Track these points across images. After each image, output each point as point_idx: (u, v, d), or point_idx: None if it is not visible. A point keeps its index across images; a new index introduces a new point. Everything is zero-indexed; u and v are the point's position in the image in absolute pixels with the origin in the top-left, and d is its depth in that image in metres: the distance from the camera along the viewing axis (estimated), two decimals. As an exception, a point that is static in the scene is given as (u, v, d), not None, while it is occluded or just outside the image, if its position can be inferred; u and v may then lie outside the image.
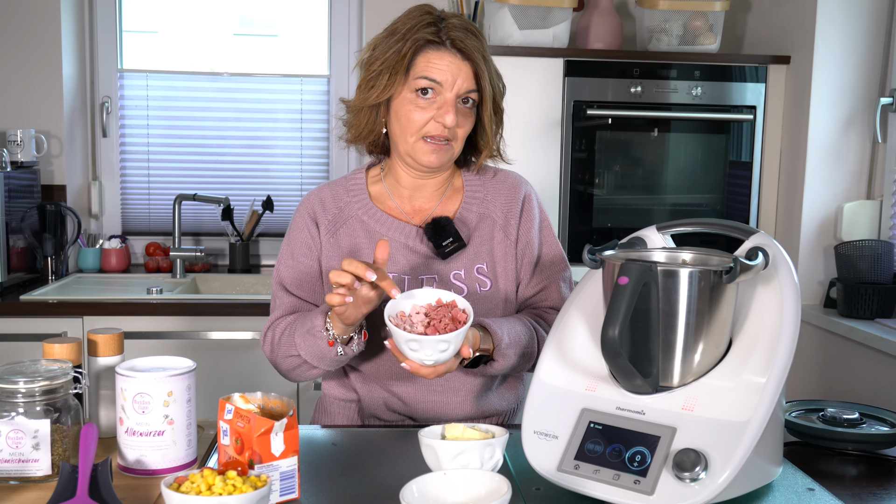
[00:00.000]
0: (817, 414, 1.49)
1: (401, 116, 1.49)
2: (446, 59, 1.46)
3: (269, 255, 3.38)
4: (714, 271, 1.13)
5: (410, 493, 1.05)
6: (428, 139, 1.48)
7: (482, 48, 1.49)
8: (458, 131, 1.49)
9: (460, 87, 1.46)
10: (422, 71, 1.46)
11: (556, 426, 1.20)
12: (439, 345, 1.28)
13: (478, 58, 1.47)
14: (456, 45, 1.46)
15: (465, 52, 1.47)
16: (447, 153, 1.50)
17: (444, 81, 1.46)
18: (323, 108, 3.39)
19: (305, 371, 1.50)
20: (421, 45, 1.46)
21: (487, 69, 1.48)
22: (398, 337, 1.30)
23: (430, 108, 1.47)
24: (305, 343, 1.44)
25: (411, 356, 1.31)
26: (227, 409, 1.16)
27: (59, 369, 1.25)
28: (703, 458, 1.08)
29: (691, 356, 1.16)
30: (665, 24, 2.91)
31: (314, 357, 1.45)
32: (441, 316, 1.32)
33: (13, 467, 1.20)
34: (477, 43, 1.48)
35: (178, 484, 1.03)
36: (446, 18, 1.49)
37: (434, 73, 1.46)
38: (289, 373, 1.53)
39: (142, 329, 2.61)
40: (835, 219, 2.79)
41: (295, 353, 1.47)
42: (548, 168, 2.83)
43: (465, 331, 1.30)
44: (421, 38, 1.46)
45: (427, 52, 1.46)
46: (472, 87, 1.47)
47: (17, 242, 2.86)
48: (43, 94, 3.07)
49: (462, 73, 1.46)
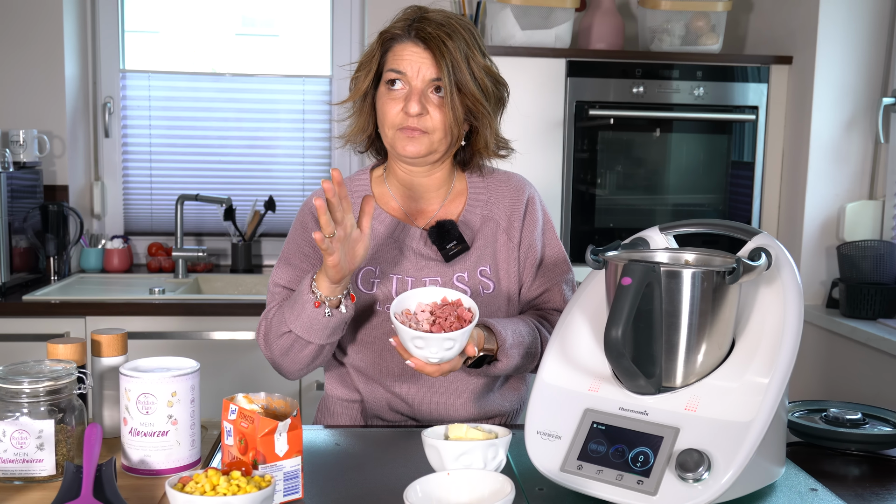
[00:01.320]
0: (820, 414, 1.49)
1: (379, 111, 1.53)
2: (408, 48, 1.49)
3: (272, 256, 3.38)
4: (717, 272, 1.13)
5: (414, 494, 1.05)
6: (404, 129, 1.50)
7: (452, 36, 1.47)
8: (429, 120, 1.49)
9: (424, 75, 1.48)
10: (390, 64, 1.51)
11: (560, 426, 1.20)
12: (445, 342, 1.29)
13: (437, 45, 1.47)
14: (419, 35, 1.48)
15: (426, 41, 1.48)
16: (424, 142, 1.50)
17: (408, 71, 1.48)
18: (325, 109, 3.39)
19: (299, 351, 1.47)
20: (388, 40, 1.51)
21: (452, 56, 1.47)
22: (403, 334, 1.30)
23: (400, 100, 1.49)
24: (293, 313, 1.43)
25: (416, 353, 1.31)
26: (231, 409, 1.16)
27: (63, 370, 1.25)
28: (707, 459, 1.08)
29: (694, 357, 1.16)
30: (667, 24, 2.91)
31: (304, 328, 1.42)
32: (446, 314, 1.32)
33: (17, 467, 1.20)
34: (444, 31, 1.47)
35: (183, 484, 1.03)
36: (427, 12, 1.51)
37: (399, 63, 1.49)
38: (283, 358, 1.50)
39: (144, 329, 2.62)
40: (837, 219, 2.79)
41: (286, 329, 1.45)
42: (550, 168, 2.83)
43: (471, 329, 1.31)
44: (389, 32, 1.51)
45: (394, 46, 1.51)
46: (435, 74, 1.48)
47: (19, 243, 2.86)
48: (45, 95, 3.08)
49: (425, 63, 1.48)
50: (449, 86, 1.48)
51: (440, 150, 1.53)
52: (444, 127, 1.50)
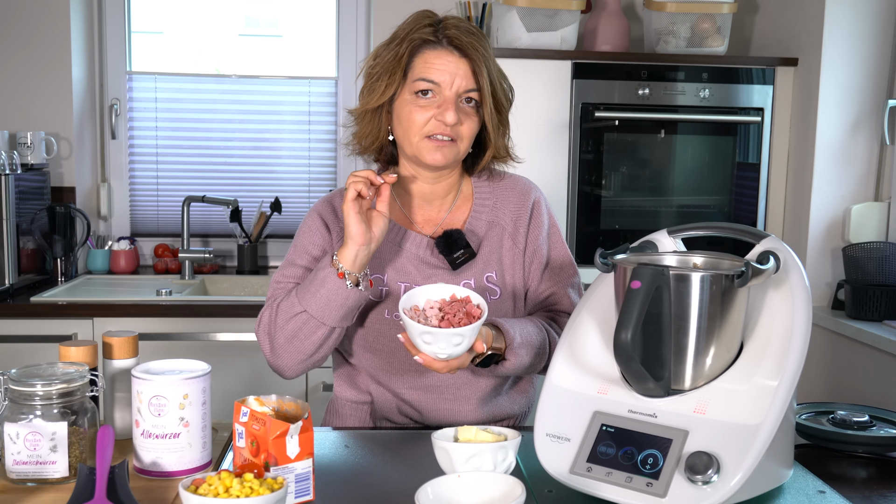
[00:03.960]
0: (827, 416, 1.49)
1: (402, 118, 1.49)
2: (444, 57, 1.46)
3: (278, 257, 3.39)
4: (726, 275, 1.14)
5: (425, 496, 1.06)
6: (432, 137, 1.48)
7: (482, 46, 1.48)
8: (462, 130, 1.49)
9: (459, 85, 1.46)
10: (420, 72, 1.47)
11: (569, 429, 1.21)
12: (453, 338, 1.29)
13: (475, 55, 1.46)
14: (453, 43, 1.46)
15: (462, 50, 1.46)
16: (452, 151, 1.49)
17: (443, 81, 1.46)
18: (331, 111, 3.40)
19: (306, 336, 1.44)
20: (418, 46, 1.47)
21: (487, 66, 1.47)
22: (412, 329, 1.30)
23: (431, 108, 1.47)
24: (310, 291, 1.42)
25: (425, 349, 1.31)
26: (243, 411, 1.17)
27: (75, 372, 1.26)
28: (716, 461, 1.09)
29: (703, 359, 1.16)
30: (673, 26, 2.92)
31: (320, 305, 1.41)
32: (455, 310, 1.33)
33: (31, 469, 1.21)
34: (475, 40, 1.47)
35: (196, 486, 1.04)
36: (446, 19, 1.49)
37: (432, 73, 1.46)
38: (286, 346, 1.46)
39: (151, 330, 2.62)
40: (842, 221, 2.79)
41: (299, 310, 1.43)
42: (555, 170, 2.84)
43: (480, 325, 1.31)
44: (417, 38, 1.47)
45: (424, 53, 1.47)
46: (471, 85, 1.47)
47: (27, 244, 2.87)
48: (52, 97, 3.09)
49: (460, 71, 1.46)
50: (488, 96, 1.47)
51: (462, 158, 1.54)
52: (472, 135, 1.51)
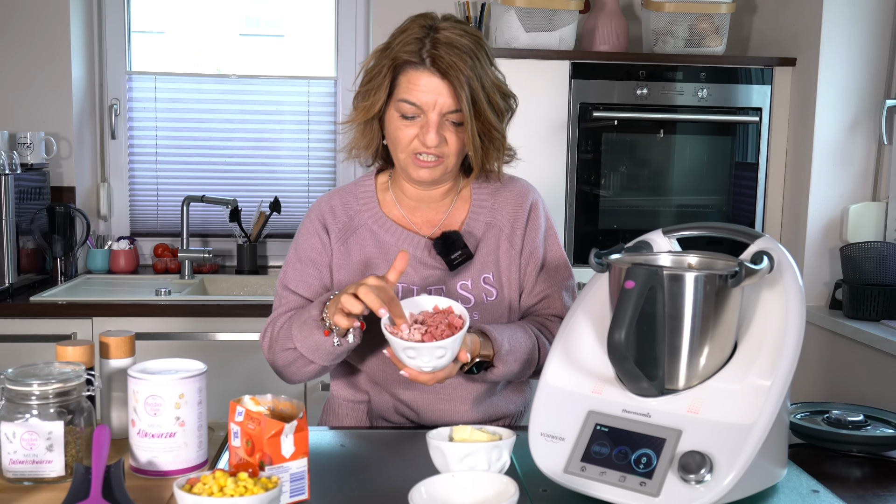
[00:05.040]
0: (822, 416, 1.50)
1: (390, 133, 1.51)
2: (424, 78, 1.44)
3: (277, 257, 3.39)
4: (719, 275, 1.14)
5: (419, 495, 1.06)
6: (417, 156, 1.48)
7: (470, 62, 1.43)
8: (447, 149, 1.48)
9: (442, 105, 1.45)
10: (403, 93, 1.46)
11: (563, 428, 1.21)
12: (436, 351, 1.29)
13: (456, 75, 1.42)
14: (436, 64, 1.43)
15: (442, 71, 1.43)
16: (439, 169, 1.50)
17: (425, 104, 1.45)
18: (330, 110, 3.40)
19: (301, 367, 1.48)
20: (401, 65, 1.46)
21: (471, 87, 1.43)
22: (395, 345, 1.31)
23: (415, 126, 1.47)
24: (301, 334, 1.44)
25: (409, 363, 1.32)
26: (238, 411, 1.17)
27: (72, 371, 1.26)
28: (709, 461, 1.09)
29: (697, 359, 1.17)
30: (671, 26, 2.92)
31: (310, 350, 1.44)
32: (437, 322, 1.33)
33: (27, 468, 1.21)
34: (462, 58, 1.43)
35: (191, 485, 1.05)
36: (438, 30, 1.45)
37: (414, 95, 1.45)
38: (285, 369, 1.52)
39: (150, 330, 2.63)
40: (840, 220, 2.79)
41: (291, 345, 1.46)
42: (554, 170, 2.84)
43: (462, 336, 1.31)
44: (400, 58, 1.45)
45: (408, 72, 1.45)
46: (454, 105, 1.45)
47: (26, 244, 2.88)
48: (52, 97, 3.09)
49: (442, 93, 1.44)
50: (469, 116, 1.45)
51: (453, 171, 1.54)
52: (459, 150, 1.50)
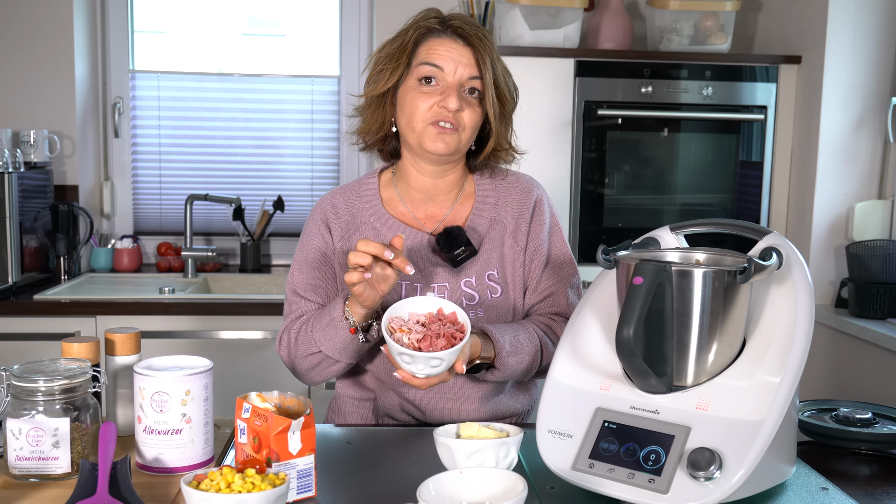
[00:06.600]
0: (830, 414, 1.49)
1: (406, 105, 1.51)
2: (447, 44, 1.49)
3: (280, 255, 3.39)
4: (728, 271, 1.14)
5: (427, 492, 1.06)
6: (435, 124, 1.49)
7: (486, 39, 1.50)
8: (464, 118, 1.50)
9: (462, 73, 1.48)
10: (424, 57, 1.49)
11: (571, 425, 1.21)
12: (431, 360, 1.28)
13: (479, 43, 1.49)
14: (457, 32, 1.50)
15: (465, 38, 1.49)
16: (454, 139, 1.50)
17: (446, 67, 1.48)
18: (334, 109, 3.40)
19: (326, 368, 1.50)
20: (423, 34, 1.51)
21: (490, 57, 1.50)
22: (392, 349, 1.30)
23: (434, 94, 1.49)
24: (325, 336, 1.45)
25: (403, 367, 1.31)
26: (245, 407, 1.17)
27: (78, 368, 1.26)
28: (718, 458, 1.08)
29: (705, 356, 1.16)
30: (676, 23, 2.91)
31: (336, 350, 1.45)
32: (438, 330, 1.31)
33: (33, 465, 1.21)
34: (480, 33, 1.50)
35: (198, 482, 1.04)
36: (451, 15, 1.53)
37: (435, 58, 1.49)
38: (308, 373, 1.53)
39: (154, 328, 2.63)
40: (846, 219, 2.79)
41: (315, 349, 1.47)
42: (558, 168, 2.83)
43: (459, 349, 1.29)
44: (423, 26, 1.51)
45: (429, 40, 1.50)
46: (474, 72, 1.49)
47: (30, 242, 2.88)
48: (55, 95, 3.09)
49: (464, 59, 1.49)
50: (490, 84, 1.49)
51: (464, 149, 1.54)
52: (474, 126, 1.52)
